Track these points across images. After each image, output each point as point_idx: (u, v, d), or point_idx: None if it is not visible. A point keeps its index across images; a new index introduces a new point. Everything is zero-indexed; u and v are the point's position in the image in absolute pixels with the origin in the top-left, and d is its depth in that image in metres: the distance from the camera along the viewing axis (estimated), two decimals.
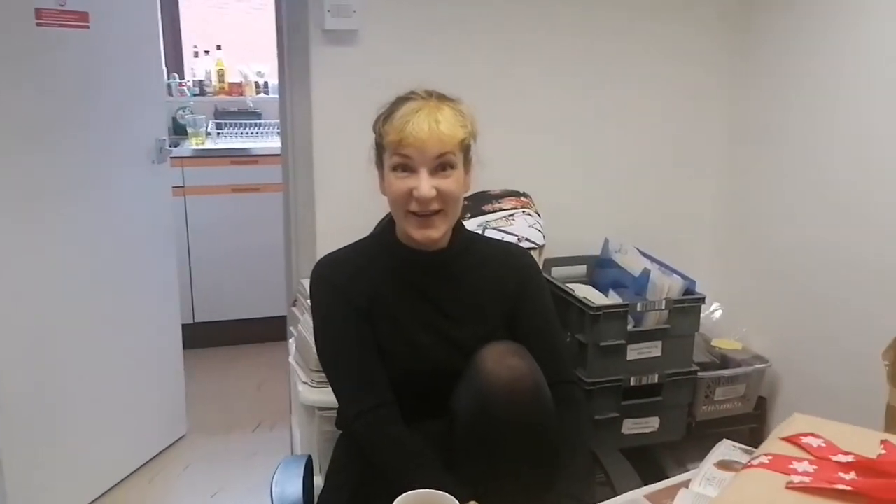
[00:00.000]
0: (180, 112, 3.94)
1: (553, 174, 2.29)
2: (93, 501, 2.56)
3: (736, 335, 2.23)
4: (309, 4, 2.01)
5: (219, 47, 4.17)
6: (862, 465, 0.61)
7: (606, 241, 2.24)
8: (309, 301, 1.84)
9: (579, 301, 1.92)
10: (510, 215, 1.92)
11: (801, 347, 2.11)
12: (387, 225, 1.46)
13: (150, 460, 2.83)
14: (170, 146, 2.80)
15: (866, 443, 0.65)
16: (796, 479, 0.61)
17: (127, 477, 2.71)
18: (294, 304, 2.14)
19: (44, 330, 2.30)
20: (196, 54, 4.18)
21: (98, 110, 2.43)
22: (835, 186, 1.98)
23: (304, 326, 1.94)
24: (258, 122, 4.09)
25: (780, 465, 0.64)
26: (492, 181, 2.08)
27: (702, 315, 2.16)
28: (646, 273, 1.98)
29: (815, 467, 0.63)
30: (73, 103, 2.33)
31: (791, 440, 0.68)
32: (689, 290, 1.97)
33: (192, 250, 3.68)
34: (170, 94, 3.85)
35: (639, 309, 1.91)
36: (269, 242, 3.61)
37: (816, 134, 2.04)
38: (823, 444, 0.66)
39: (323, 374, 1.75)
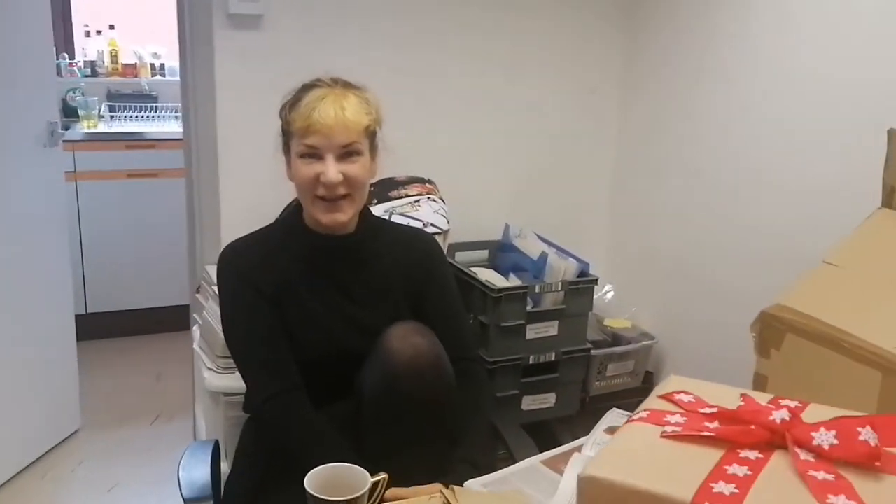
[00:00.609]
0: (70, 94, 3.78)
1: (456, 162, 2.35)
2: None
3: (626, 314, 2.36)
4: None
5: (112, 27, 4.01)
6: (724, 416, 0.70)
7: (507, 227, 2.33)
8: (215, 288, 1.85)
9: (482, 284, 2.00)
10: (416, 201, 1.97)
11: (684, 324, 2.26)
12: (293, 210, 1.49)
13: (42, 457, 2.74)
14: (61, 129, 2.70)
15: (728, 397, 0.74)
16: (669, 429, 0.69)
17: (17, 474, 2.62)
18: (198, 291, 2.13)
19: None
20: (87, 34, 4.01)
21: None
22: (710, 178, 2.13)
23: (209, 313, 1.93)
24: (154, 105, 3.97)
25: (656, 418, 0.72)
26: (397, 168, 2.12)
27: (595, 296, 2.28)
28: (543, 256, 2.08)
29: (685, 419, 0.71)
30: None
31: (666, 397, 0.77)
32: (583, 273, 2.08)
33: (84, 238, 3.54)
34: (59, 74, 3.68)
35: (537, 291, 2.00)
36: (167, 230, 3.54)
37: (696, 130, 2.18)
38: (693, 400, 0.75)
39: (228, 360, 1.76)
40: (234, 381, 1.74)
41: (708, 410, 0.70)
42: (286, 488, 1.24)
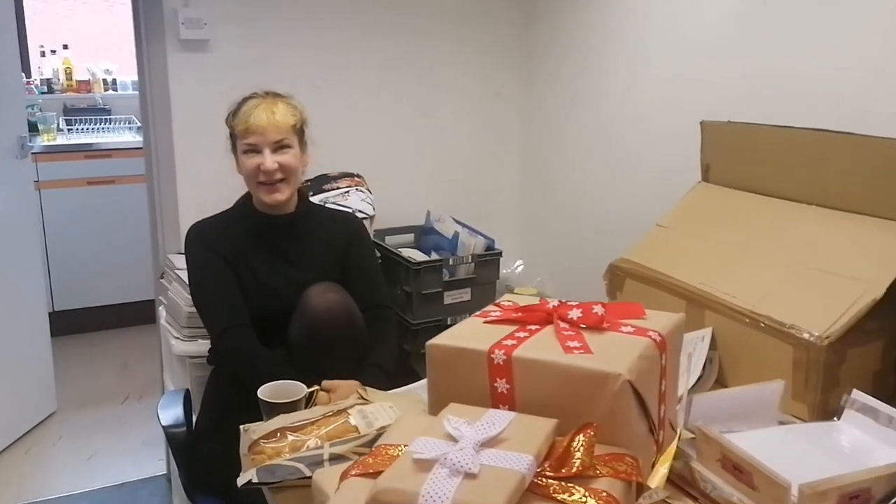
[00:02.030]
0: (29, 110, 4.05)
1: (384, 158, 2.73)
2: None
3: (533, 283, 2.78)
4: (165, 17, 2.33)
5: (65, 46, 4.30)
6: (523, 309, 1.09)
7: (428, 213, 2.72)
8: (177, 272, 2.21)
9: (404, 259, 2.38)
10: (346, 192, 2.35)
11: (577, 287, 2.66)
12: (245, 198, 1.86)
13: (22, 436, 3.05)
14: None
15: (532, 302, 1.14)
16: (489, 318, 1.09)
17: (1, 452, 2.92)
18: (162, 277, 2.47)
19: None
20: (43, 53, 4.29)
21: None
22: (595, 164, 2.55)
23: (173, 292, 2.28)
24: (109, 117, 4.27)
25: (484, 314, 1.12)
26: (331, 165, 2.51)
27: (507, 270, 2.69)
28: (456, 235, 2.48)
29: (500, 312, 1.11)
30: None
31: (495, 304, 1.16)
32: (489, 247, 2.48)
33: (48, 242, 3.84)
34: None
35: (451, 263, 2.40)
36: (126, 231, 3.86)
37: (583, 122, 2.59)
38: (510, 304, 1.15)
39: (192, 330, 2.13)
40: (197, 346, 2.11)
41: (515, 309, 1.10)
42: (243, 415, 1.61)
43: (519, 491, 0.79)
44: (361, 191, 2.40)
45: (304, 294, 1.68)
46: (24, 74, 4.12)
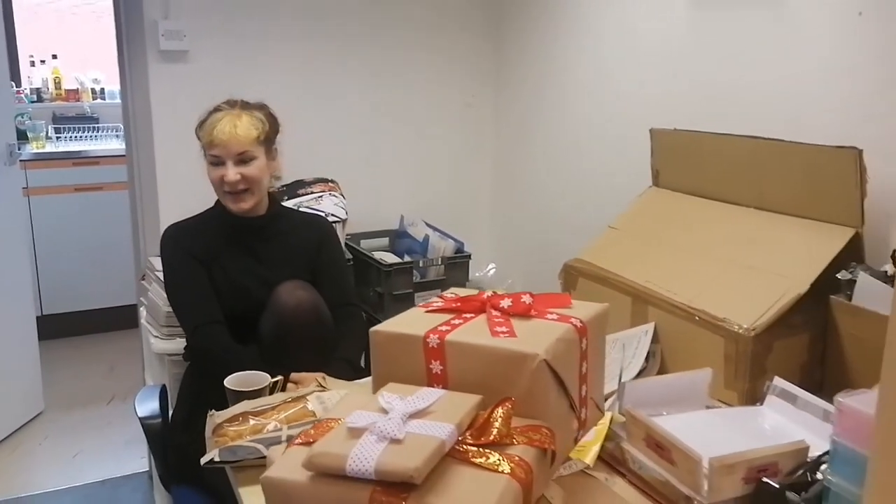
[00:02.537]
0: (19, 118, 4.15)
1: (359, 165, 2.84)
2: None
3: (504, 286, 2.88)
4: (145, 29, 2.44)
5: (55, 56, 4.40)
6: (462, 299, 1.19)
7: (402, 217, 2.83)
8: (157, 273, 2.30)
9: (376, 262, 2.49)
10: (319, 197, 2.45)
11: (547, 289, 2.76)
12: (219, 202, 1.95)
13: (10, 435, 3.13)
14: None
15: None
16: (431, 307, 1.19)
17: None
18: (143, 279, 2.56)
19: None
20: (32, 63, 4.39)
21: None
22: (566, 168, 2.65)
23: (153, 293, 2.37)
24: (96, 125, 4.37)
25: (426, 305, 1.22)
26: (308, 172, 2.62)
27: (480, 273, 2.79)
28: (426, 238, 2.58)
29: (442, 302, 1.21)
30: None
31: (439, 296, 1.26)
32: (459, 250, 2.58)
33: (37, 247, 3.92)
34: None
35: (421, 265, 2.50)
36: (112, 237, 3.94)
37: (555, 131, 2.70)
38: (453, 296, 1.25)
39: (170, 329, 2.22)
40: (174, 345, 2.21)
41: (456, 299, 1.20)
42: (216, 408, 1.69)
43: (438, 454, 0.89)
44: (335, 195, 2.50)
45: (274, 292, 1.78)
46: (13, 83, 4.24)
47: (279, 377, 1.55)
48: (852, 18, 1.62)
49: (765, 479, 1.14)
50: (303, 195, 2.44)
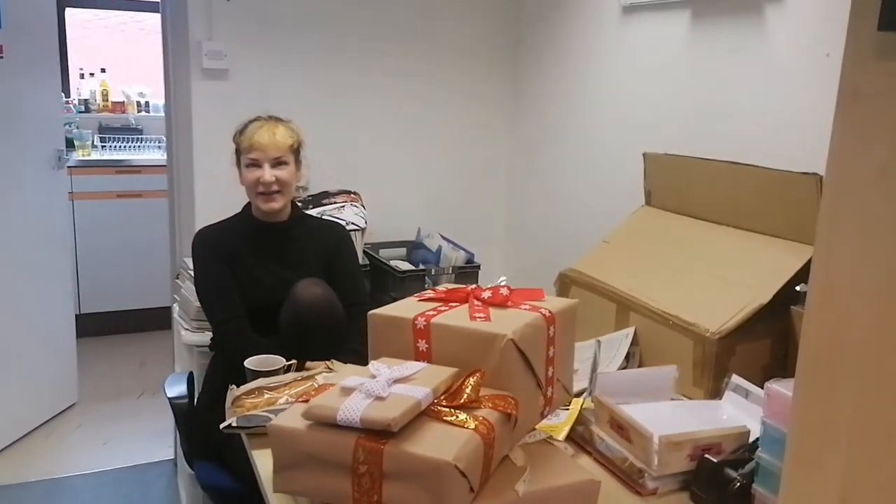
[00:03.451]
0: (67, 127, 4.43)
1: (382, 179, 3.04)
2: None
3: (496, 283, 3.04)
4: (190, 49, 2.67)
5: (103, 70, 4.70)
6: (451, 291, 1.38)
7: (419, 230, 3.02)
8: (190, 272, 2.51)
9: (391, 268, 2.68)
10: (341, 206, 2.66)
11: None
12: (246, 207, 2.17)
13: (45, 422, 3.36)
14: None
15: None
16: (423, 297, 1.37)
17: (25, 435, 3.23)
18: (177, 277, 2.79)
19: None
20: (82, 76, 4.69)
21: (11, 124, 2.99)
22: (572, 188, 2.83)
23: (185, 290, 2.59)
24: (140, 136, 4.65)
25: (421, 296, 1.40)
26: (333, 183, 2.83)
27: (491, 284, 2.95)
28: (439, 249, 2.77)
29: (433, 294, 1.39)
30: None
31: (433, 290, 1.45)
32: (469, 261, 2.76)
33: (78, 249, 4.18)
34: None
35: (433, 273, 2.69)
36: (150, 242, 4.18)
37: (563, 154, 2.88)
38: (444, 289, 1.43)
39: (199, 322, 2.42)
40: (202, 337, 2.40)
41: (445, 292, 1.38)
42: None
43: (414, 410, 1.06)
44: (356, 206, 2.70)
45: (292, 288, 1.97)
46: (63, 94, 4.54)
47: (293, 361, 1.74)
48: (821, 59, 1.78)
49: (706, 456, 1.30)
50: (326, 204, 2.65)
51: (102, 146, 4.52)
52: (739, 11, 2.02)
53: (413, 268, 2.81)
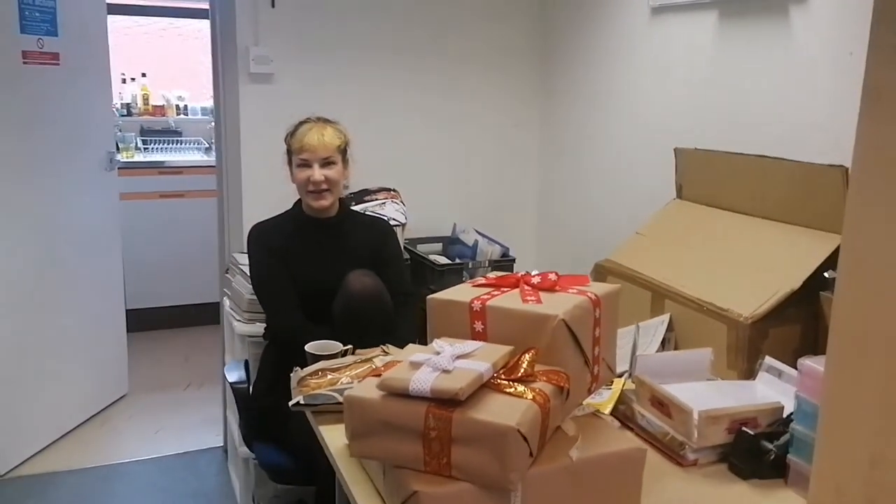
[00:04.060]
0: None
1: (418, 177, 3.16)
2: (56, 440, 3.24)
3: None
4: (237, 55, 2.81)
5: (144, 75, 4.86)
6: (502, 278, 1.49)
7: (455, 225, 3.14)
8: (241, 267, 2.64)
9: (430, 262, 2.80)
10: (382, 203, 2.78)
11: None
12: (297, 204, 2.29)
13: (99, 413, 3.52)
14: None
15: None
16: (476, 283, 1.49)
17: (80, 425, 3.39)
18: (227, 272, 2.92)
19: (20, 310, 3.00)
20: (124, 80, 4.86)
21: (69, 128, 3.15)
22: (603, 184, 2.93)
23: (236, 284, 2.72)
24: (180, 139, 4.81)
25: (473, 282, 1.52)
26: (373, 181, 2.95)
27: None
28: (476, 243, 2.88)
29: (484, 280, 1.51)
30: (47, 124, 3.05)
31: (485, 277, 1.56)
32: (505, 254, 2.87)
33: (124, 247, 4.34)
34: None
35: (470, 266, 2.80)
36: (192, 240, 4.35)
37: (593, 152, 2.98)
38: (494, 276, 1.55)
39: (251, 314, 2.55)
40: (254, 328, 2.54)
41: (496, 278, 1.49)
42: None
43: (478, 382, 1.18)
44: (396, 202, 2.83)
45: (345, 278, 2.09)
46: None
47: (350, 346, 1.86)
48: (844, 57, 1.87)
49: (744, 429, 1.41)
50: (368, 201, 2.77)
51: (145, 148, 4.69)
52: (765, 12, 2.12)
53: (451, 262, 2.92)
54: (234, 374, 2.24)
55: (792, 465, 1.36)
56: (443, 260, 2.90)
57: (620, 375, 1.71)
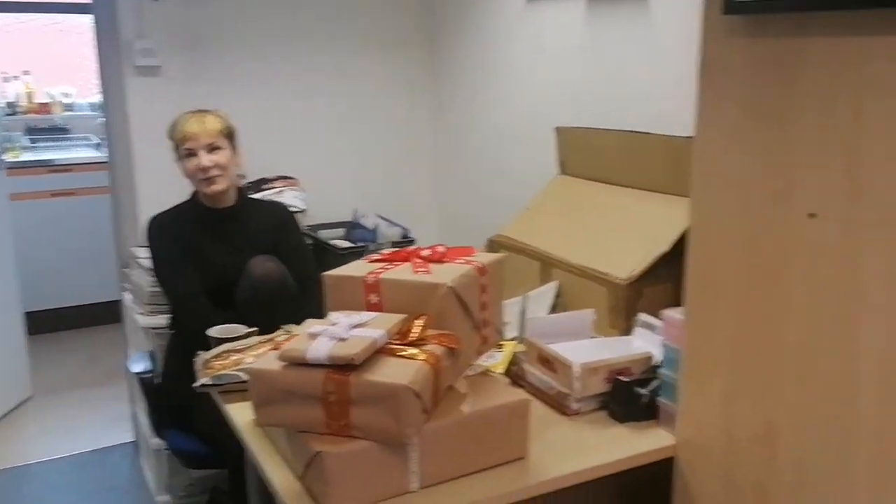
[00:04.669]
0: None
1: (318, 165, 3.20)
2: None
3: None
4: (121, 49, 2.78)
5: (26, 72, 4.69)
6: (395, 252, 1.59)
7: (355, 210, 3.21)
8: (139, 260, 2.63)
9: (332, 247, 2.86)
10: (281, 191, 2.82)
11: None
12: (193, 195, 2.31)
13: (3, 416, 3.42)
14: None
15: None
16: (370, 259, 1.58)
17: None
18: (126, 267, 2.90)
19: None
20: (6, 79, 4.67)
21: None
22: (494, 162, 3.06)
23: (136, 277, 2.71)
24: (68, 136, 4.67)
25: (368, 259, 1.60)
26: (271, 170, 2.98)
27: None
28: (376, 226, 2.96)
29: (378, 256, 1.60)
30: None
31: (379, 253, 1.65)
32: (405, 236, 2.97)
33: (17, 249, 4.19)
34: None
35: (370, 249, 2.88)
36: (87, 238, 4.25)
37: (484, 131, 3.11)
38: (388, 253, 1.64)
39: (152, 307, 2.56)
40: (157, 320, 2.54)
41: (389, 254, 1.58)
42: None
43: (373, 347, 1.27)
44: (294, 189, 2.88)
45: (247, 264, 2.13)
46: None
47: (254, 328, 1.92)
48: (695, 38, 2.05)
49: (618, 378, 1.55)
50: (266, 189, 2.81)
51: (33, 147, 4.53)
52: None
53: (353, 245, 3.00)
54: (139, 365, 2.25)
55: (661, 407, 1.52)
56: (344, 244, 2.97)
57: (512, 339, 1.83)
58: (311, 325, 1.38)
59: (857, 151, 1.08)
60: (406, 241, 2.96)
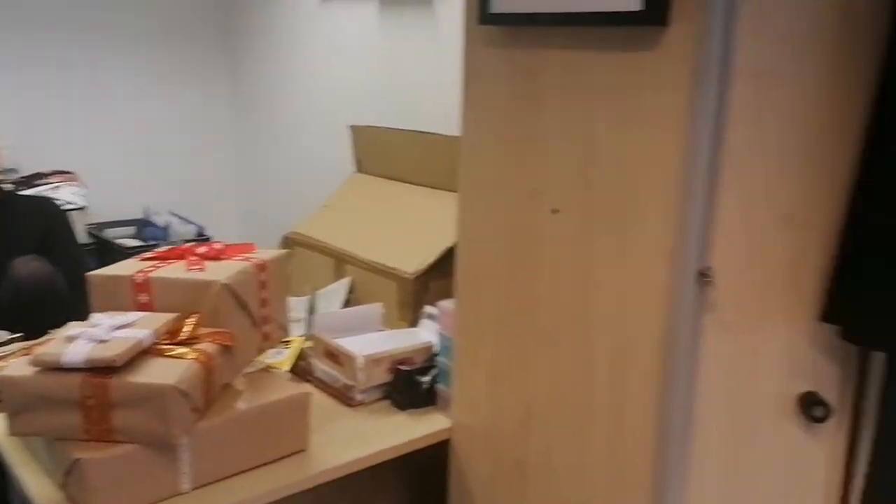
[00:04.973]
0: None
1: (103, 158, 3.02)
2: None
3: None
4: None
5: None
6: (169, 250, 1.53)
7: (147, 208, 3.05)
8: None
9: (118, 246, 2.70)
10: (57, 186, 2.63)
11: None
12: None
13: None
14: None
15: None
16: (143, 258, 1.51)
17: None
18: None
19: None
20: None
21: None
22: (294, 158, 3.03)
23: None
24: None
25: (141, 257, 1.54)
26: (47, 164, 2.76)
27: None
28: (167, 224, 2.84)
29: (153, 254, 1.54)
30: None
31: (154, 252, 1.59)
32: (200, 233, 2.87)
33: None
34: None
35: (161, 248, 2.75)
36: None
37: (284, 126, 3.07)
38: (164, 251, 1.58)
39: None
40: None
41: (163, 251, 1.53)
42: None
43: (136, 348, 1.22)
44: (73, 185, 2.69)
45: (10, 265, 1.97)
46: None
47: (19, 334, 1.77)
48: None
49: (399, 368, 1.60)
50: (40, 185, 2.60)
51: None
52: (415, 2, 2.35)
53: (142, 243, 2.85)
54: None
55: (439, 393, 1.58)
56: (133, 243, 2.82)
57: (301, 336, 1.83)
58: (72, 327, 1.30)
59: (591, 152, 1.18)
60: (202, 238, 2.86)
